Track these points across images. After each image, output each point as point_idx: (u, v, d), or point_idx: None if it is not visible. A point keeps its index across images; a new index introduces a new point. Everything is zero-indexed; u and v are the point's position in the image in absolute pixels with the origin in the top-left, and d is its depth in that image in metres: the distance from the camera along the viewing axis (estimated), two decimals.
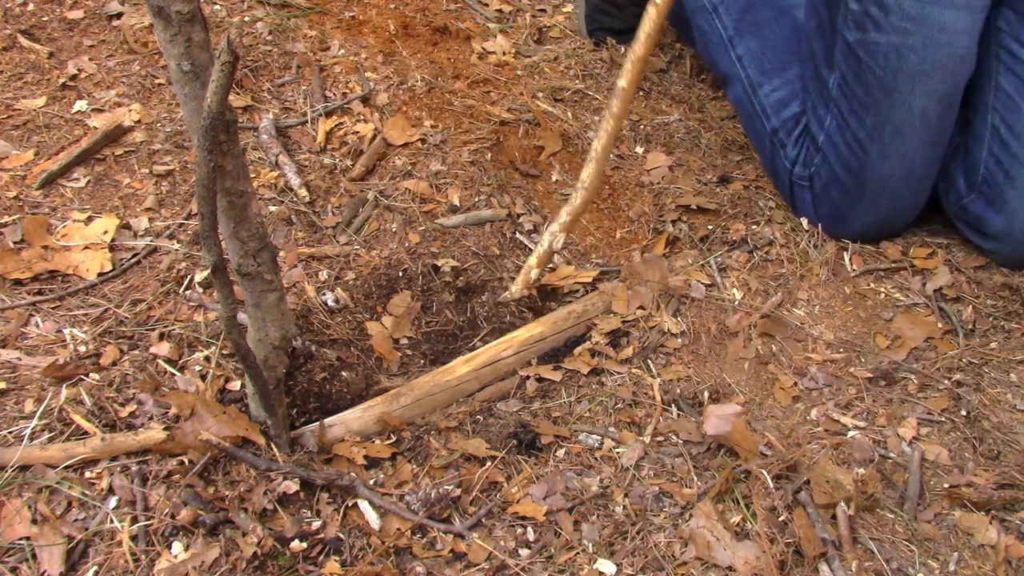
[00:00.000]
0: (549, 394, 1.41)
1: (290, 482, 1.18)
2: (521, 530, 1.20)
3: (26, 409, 1.26)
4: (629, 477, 1.27)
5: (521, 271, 1.45)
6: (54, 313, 1.40)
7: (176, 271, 1.48)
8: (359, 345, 1.43)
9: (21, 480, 1.17)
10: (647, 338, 1.48)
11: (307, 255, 1.53)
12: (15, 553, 1.10)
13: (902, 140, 1.56)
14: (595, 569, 1.15)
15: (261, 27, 1.94)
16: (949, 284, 1.59)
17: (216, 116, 0.87)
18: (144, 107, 1.75)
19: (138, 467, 1.19)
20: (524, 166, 1.80)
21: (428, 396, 1.34)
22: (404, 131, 1.77)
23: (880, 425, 1.36)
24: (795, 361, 1.48)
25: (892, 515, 1.23)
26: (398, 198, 1.65)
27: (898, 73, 1.50)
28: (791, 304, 1.58)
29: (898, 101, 1.52)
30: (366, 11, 2.08)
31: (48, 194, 1.59)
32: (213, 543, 1.12)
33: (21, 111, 1.72)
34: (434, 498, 1.20)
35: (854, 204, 1.63)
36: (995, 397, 1.41)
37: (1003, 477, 1.27)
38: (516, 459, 1.29)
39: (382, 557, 1.14)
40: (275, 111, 1.78)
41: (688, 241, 1.68)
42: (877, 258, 1.66)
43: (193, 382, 1.31)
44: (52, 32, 1.88)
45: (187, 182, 1.63)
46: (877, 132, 1.56)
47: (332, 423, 1.28)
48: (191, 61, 0.93)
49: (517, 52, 2.07)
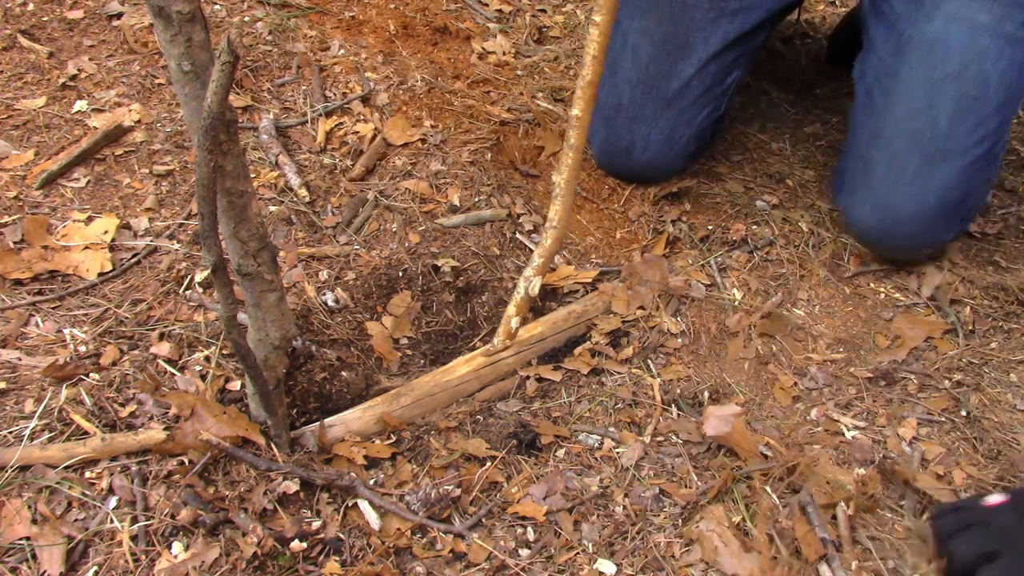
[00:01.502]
0: (549, 394, 1.41)
1: (290, 482, 1.18)
2: (521, 530, 1.20)
3: (26, 409, 1.26)
4: (629, 477, 1.27)
5: (501, 321, 1.39)
6: (54, 313, 1.40)
7: (176, 271, 1.48)
8: (359, 345, 1.43)
9: (21, 480, 1.17)
10: (647, 338, 1.48)
11: (307, 255, 1.53)
12: (15, 553, 1.10)
13: (612, 72, 1.63)
14: (595, 569, 1.15)
15: (261, 27, 1.94)
16: (947, 284, 1.59)
17: (216, 116, 0.87)
18: (144, 107, 1.75)
19: (138, 467, 1.19)
20: (524, 166, 1.80)
21: (428, 396, 1.34)
22: (404, 131, 1.77)
23: (880, 425, 1.36)
24: (795, 361, 1.48)
25: (892, 515, 1.23)
26: (398, 198, 1.65)
27: (623, 6, 1.52)
28: (791, 304, 1.58)
29: (617, 32, 1.54)
30: (366, 11, 2.08)
31: (48, 194, 1.59)
32: (213, 543, 1.12)
33: (21, 111, 1.72)
34: (434, 498, 1.20)
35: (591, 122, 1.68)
36: (995, 397, 1.41)
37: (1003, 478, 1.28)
38: (516, 459, 1.29)
39: (382, 557, 1.14)
40: (275, 111, 1.78)
41: (688, 241, 1.68)
42: (872, 260, 1.66)
43: (193, 382, 1.31)
44: (52, 32, 1.88)
45: (187, 182, 1.63)
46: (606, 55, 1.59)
47: (332, 423, 1.28)
48: (191, 61, 0.93)
49: (517, 52, 2.07)
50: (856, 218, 1.58)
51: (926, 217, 1.50)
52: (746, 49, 1.68)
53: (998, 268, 1.63)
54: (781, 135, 1.94)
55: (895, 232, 1.53)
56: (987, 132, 1.47)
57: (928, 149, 1.47)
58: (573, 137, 1.34)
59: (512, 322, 1.38)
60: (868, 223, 1.56)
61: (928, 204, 1.49)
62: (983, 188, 1.57)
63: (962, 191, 1.49)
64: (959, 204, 1.51)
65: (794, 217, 1.73)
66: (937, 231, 1.54)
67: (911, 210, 1.50)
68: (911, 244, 1.57)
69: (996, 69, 1.44)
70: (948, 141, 1.46)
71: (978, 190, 1.54)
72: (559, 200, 1.36)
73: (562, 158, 1.35)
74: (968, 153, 1.46)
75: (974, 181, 1.50)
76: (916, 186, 1.49)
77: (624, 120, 1.69)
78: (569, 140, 1.34)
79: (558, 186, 1.36)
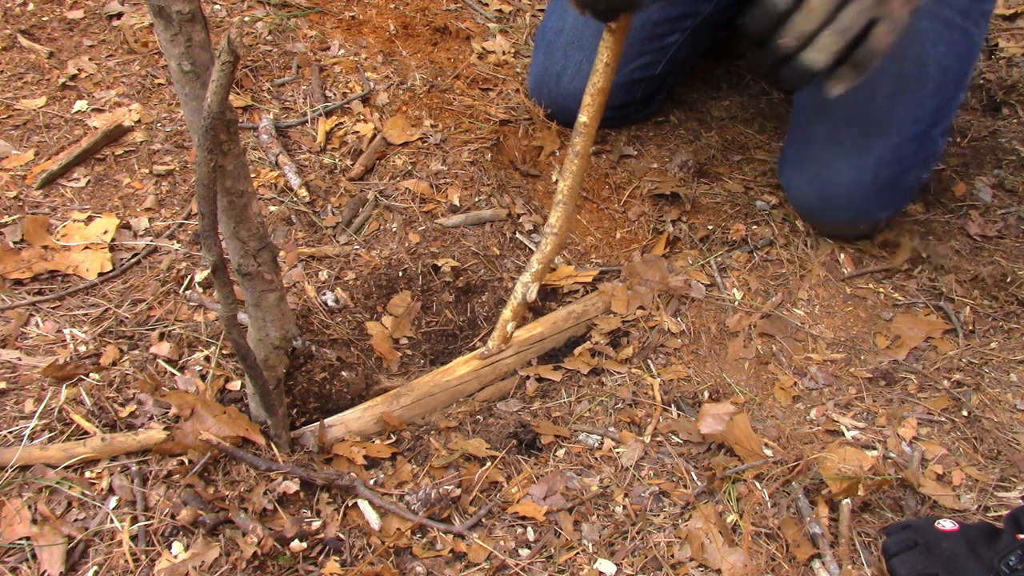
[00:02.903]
0: (549, 394, 1.41)
1: (290, 482, 1.18)
2: (521, 530, 1.20)
3: (26, 409, 1.26)
4: (629, 477, 1.27)
5: (497, 325, 1.39)
6: (54, 313, 1.40)
7: (176, 271, 1.48)
8: (359, 345, 1.43)
9: (21, 480, 1.17)
10: (647, 338, 1.48)
11: (307, 255, 1.53)
12: (15, 553, 1.10)
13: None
14: (595, 569, 1.15)
15: (261, 27, 1.94)
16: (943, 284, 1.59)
17: (216, 116, 0.87)
18: (144, 107, 1.75)
19: (138, 467, 1.19)
20: (524, 166, 1.80)
21: (428, 396, 1.34)
22: (404, 131, 1.77)
23: (880, 425, 1.36)
24: (795, 361, 1.48)
25: (891, 515, 1.23)
26: (398, 198, 1.65)
27: None
28: (791, 304, 1.58)
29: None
30: (366, 11, 2.08)
31: (48, 194, 1.59)
32: (213, 543, 1.12)
33: (21, 111, 1.72)
34: (434, 498, 1.20)
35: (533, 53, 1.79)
36: (995, 397, 1.41)
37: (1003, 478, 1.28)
38: (516, 459, 1.29)
39: (382, 557, 1.14)
40: (275, 111, 1.78)
41: (688, 241, 1.68)
42: (875, 259, 1.66)
43: (193, 382, 1.31)
44: (52, 32, 1.88)
45: (187, 182, 1.63)
46: None
47: (332, 423, 1.28)
48: (192, 61, 0.93)
49: (517, 52, 2.07)
50: (796, 190, 1.63)
51: (862, 190, 1.54)
52: (689, 21, 1.71)
53: (998, 268, 1.63)
54: (781, 135, 1.94)
55: (833, 204, 1.57)
56: (923, 112, 1.50)
57: (865, 123, 1.51)
58: (579, 144, 1.32)
59: (508, 326, 1.38)
60: (807, 195, 1.60)
61: (865, 178, 1.52)
62: (918, 169, 1.59)
63: (898, 168, 1.53)
64: (894, 181, 1.55)
65: (794, 217, 1.73)
66: (871, 206, 1.58)
67: (847, 181, 1.54)
68: (847, 218, 1.60)
69: (935, 52, 1.47)
70: (885, 117, 1.50)
71: (913, 171, 1.58)
72: (561, 207, 1.35)
73: (566, 164, 1.34)
74: (904, 131, 1.50)
75: (908, 161, 1.54)
76: (853, 158, 1.53)
77: (562, 44, 1.72)
78: (575, 147, 1.33)
79: (561, 192, 1.35)
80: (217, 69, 0.84)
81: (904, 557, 1.12)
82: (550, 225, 1.36)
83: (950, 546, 1.11)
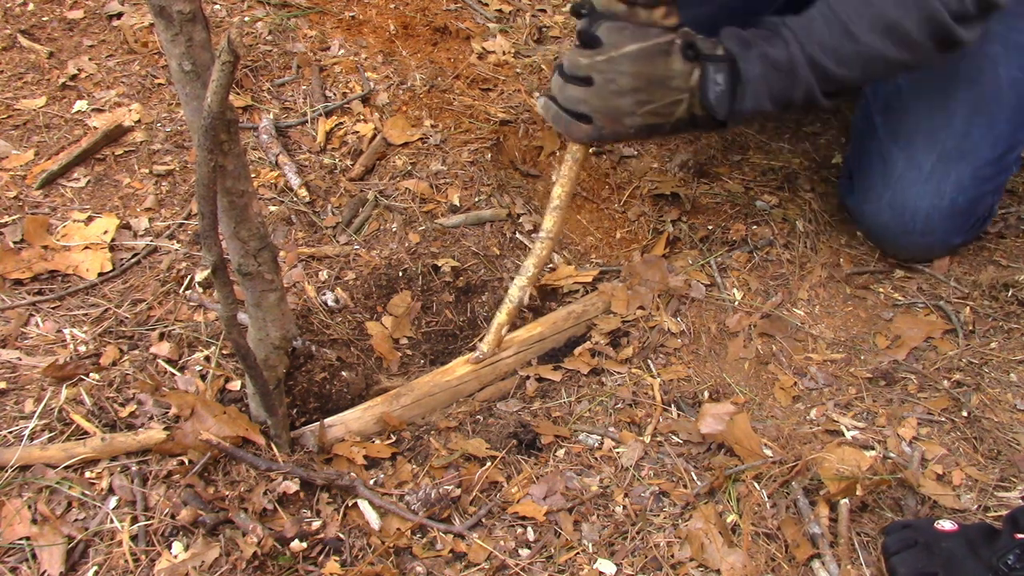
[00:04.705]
0: (549, 394, 1.41)
1: (290, 482, 1.18)
2: (521, 530, 1.20)
3: (26, 409, 1.26)
4: (629, 477, 1.27)
5: (491, 328, 1.38)
6: (54, 313, 1.40)
7: (176, 271, 1.48)
8: (359, 345, 1.43)
9: (21, 480, 1.17)
10: (647, 338, 1.48)
11: (307, 255, 1.53)
12: (15, 553, 1.10)
13: None
14: (595, 569, 1.15)
15: (261, 27, 1.94)
16: (941, 285, 1.59)
17: (217, 116, 0.87)
18: (144, 107, 1.75)
19: (138, 467, 1.19)
20: (524, 166, 1.80)
21: (428, 396, 1.34)
22: (404, 131, 1.77)
23: (880, 425, 1.36)
24: (795, 361, 1.48)
25: (891, 515, 1.23)
26: (398, 198, 1.65)
27: None
28: (791, 304, 1.58)
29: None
30: (366, 11, 2.08)
31: (48, 194, 1.59)
32: (213, 543, 1.12)
33: (21, 111, 1.72)
34: (434, 498, 1.20)
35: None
36: (995, 397, 1.41)
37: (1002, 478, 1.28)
38: (516, 459, 1.29)
39: (382, 557, 1.14)
40: (275, 111, 1.78)
41: (688, 241, 1.68)
42: (872, 261, 1.66)
43: (193, 382, 1.31)
44: (52, 32, 1.88)
45: (187, 182, 1.63)
46: None
47: (332, 423, 1.28)
48: (192, 61, 0.93)
49: (517, 52, 2.07)
50: (872, 217, 1.59)
51: (940, 216, 1.52)
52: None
53: (998, 268, 1.63)
54: (781, 135, 1.94)
55: (911, 230, 1.55)
56: (999, 136, 1.50)
57: (944, 147, 1.50)
58: (577, 149, 1.34)
59: (503, 330, 1.38)
60: (885, 222, 1.58)
61: (943, 203, 1.51)
62: (993, 194, 1.59)
63: (975, 192, 1.52)
64: (970, 207, 1.54)
65: (794, 217, 1.73)
66: (948, 232, 1.57)
67: (926, 207, 1.52)
68: (924, 244, 1.59)
69: (1008, 75, 1.48)
70: (963, 141, 1.49)
71: (988, 196, 1.57)
72: (557, 212, 1.36)
73: (564, 170, 1.35)
74: (981, 156, 1.50)
75: (986, 186, 1.53)
76: (932, 184, 1.51)
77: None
78: (574, 152, 1.34)
79: (557, 197, 1.36)
80: (217, 69, 0.84)
81: (904, 556, 1.12)
82: (547, 230, 1.37)
83: (949, 546, 1.11)
